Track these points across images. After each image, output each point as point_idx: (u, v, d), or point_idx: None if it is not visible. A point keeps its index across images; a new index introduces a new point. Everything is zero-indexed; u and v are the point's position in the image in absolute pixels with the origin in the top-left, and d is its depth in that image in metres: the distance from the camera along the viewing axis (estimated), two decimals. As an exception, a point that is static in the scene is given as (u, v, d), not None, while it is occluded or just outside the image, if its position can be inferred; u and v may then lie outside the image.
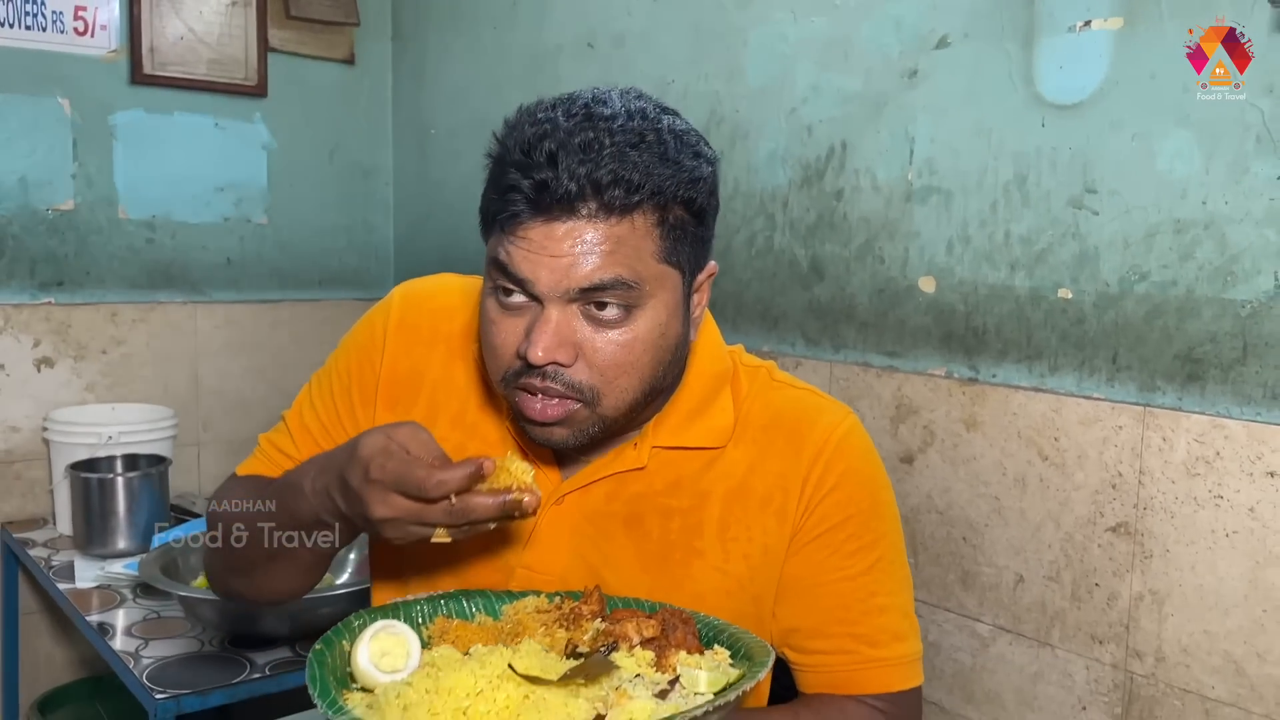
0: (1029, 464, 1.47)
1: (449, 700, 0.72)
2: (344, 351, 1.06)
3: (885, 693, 0.96)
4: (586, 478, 0.96)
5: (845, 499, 0.96)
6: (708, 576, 0.95)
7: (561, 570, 0.95)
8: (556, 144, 0.81)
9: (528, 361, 0.84)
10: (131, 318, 2.50)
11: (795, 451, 0.96)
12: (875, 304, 1.67)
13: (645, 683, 0.77)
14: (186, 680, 1.58)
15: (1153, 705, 1.35)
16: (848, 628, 0.96)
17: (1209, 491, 1.28)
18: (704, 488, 0.96)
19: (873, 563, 0.97)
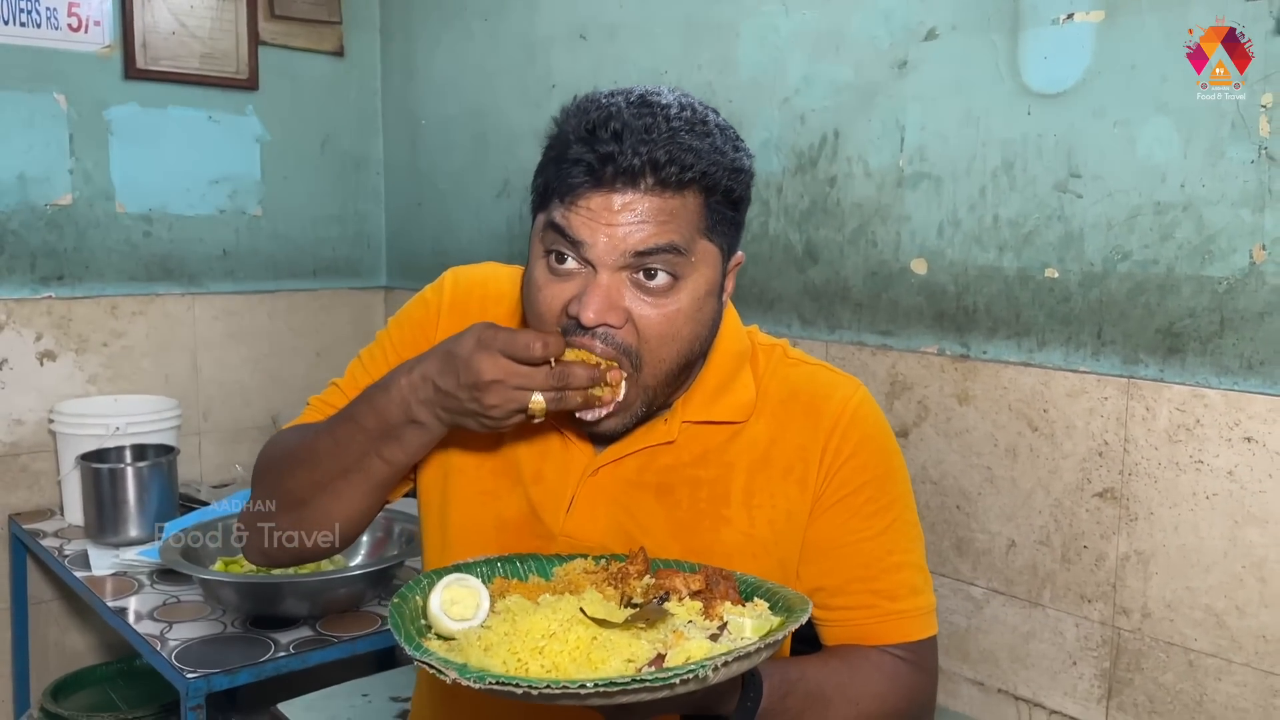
0: (1019, 435, 1.55)
1: (526, 641, 0.79)
2: (398, 324, 1.12)
3: (905, 642, 1.03)
4: (620, 451, 1.03)
5: (862, 465, 1.03)
6: (735, 541, 1.02)
7: (600, 537, 1.02)
8: (621, 124, 0.89)
9: (579, 322, 0.91)
10: (131, 310, 2.53)
11: (813, 424, 1.03)
12: (869, 286, 1.74)
13: (697, 628, 0.84)
14: (214, 660, 1.64)
15: (1139, 658, 1.44)
16: (868, 584, 1.03)
17: (1190, 457, 1.37)
18: (729, 459, 1.03)
19: (889, 523, 1.04)
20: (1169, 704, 1.41)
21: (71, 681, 2.35)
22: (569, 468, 1.03)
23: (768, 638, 0.79)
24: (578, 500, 1.03)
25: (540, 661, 0.77)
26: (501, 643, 0.79)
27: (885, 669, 1.01)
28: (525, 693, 0.71)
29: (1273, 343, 1.29)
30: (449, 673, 0.74)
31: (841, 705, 0.97)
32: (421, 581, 0.90)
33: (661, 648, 0.79)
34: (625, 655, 0.78)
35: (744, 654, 0.76)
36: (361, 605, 1.84)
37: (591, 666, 0.77)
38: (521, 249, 2.48)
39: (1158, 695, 1.42)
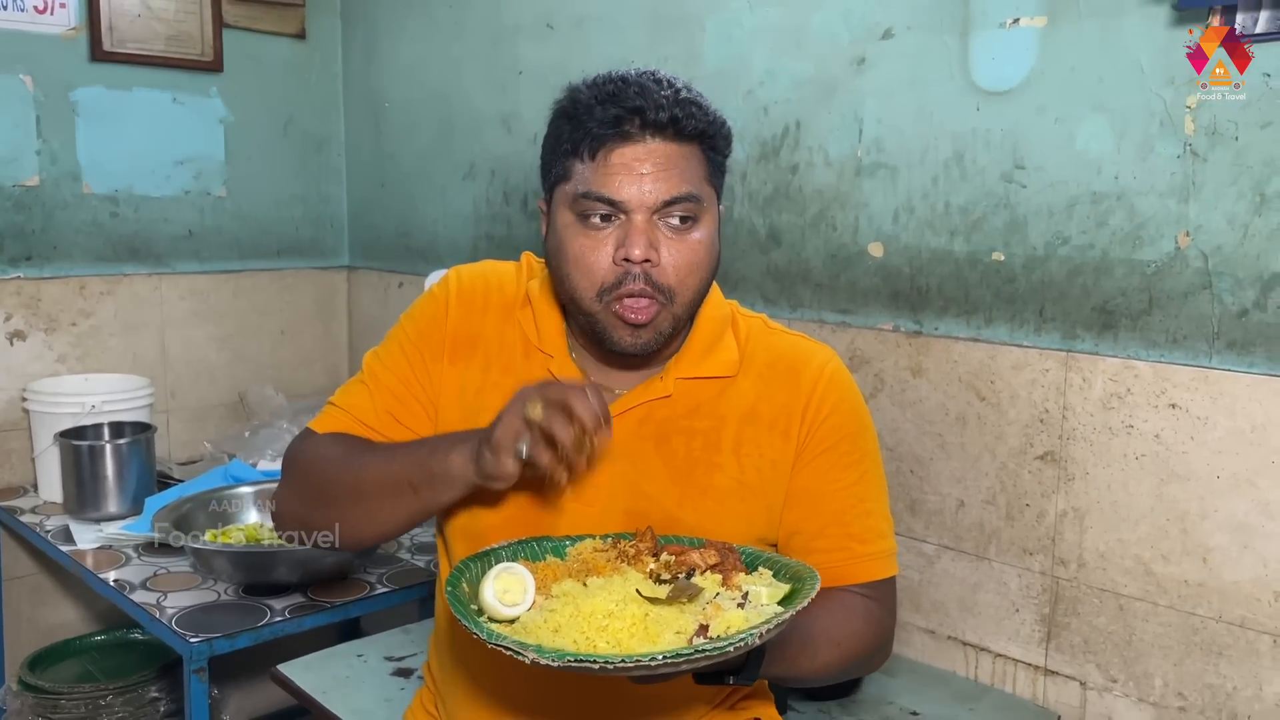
0: (968, 404, 1.69)
1: (590, 621, 0.89)
2: (410, 320, 1.22)
3: (871, 581, 1.18)
4: (622, 406, 1.15)
5: (838, 424, 1.18)
6: (726, 485, 1.15)
7: (606, 484, 1.14)
8: (639, 87, 1.05)
9: (629, 260, 1.05)
10: (99, 290, 2.57)
11: (795, 384, 1.17)
12: (828, 267, 1.87)
13: (726, 598, 0.95)
14: (213, 625, 1.72)
15: (1075, 604, 1.60)
16: (843, 529, 1.17)
17: (1121, 422, 1.52)
18: (720, 412, 1.16)
19: (860, 475, 1.19)
20: (1101, 644, 1.57)
21: (48, 654, 2.40)
22: None
23: (794, 604, 0.91)
24: None
25: (605, 638, 0.88)
26: (569, 624, 0.89)
27: (858, 610, 1.15)
28: (602, 667, 0.82)
29: (1195, 320, 1.45)
30: (528, 654, 0.83)
31: (827, 647, 1.10)
32: (467, 569, 0.99)
33: (703, 618, 0.91)
34: (674, 628, 0.89)
35: (782, 620, 0.88)
36: (350, 574, 1.93)
37: (649, 639, 0.88)
38: (489, 229, 2.56)
39: (1092, 637, 1.58)
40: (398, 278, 2.87)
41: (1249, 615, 1.42)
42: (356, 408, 1.21)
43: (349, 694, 1.63)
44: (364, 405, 1.21)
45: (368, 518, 1.14)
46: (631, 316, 1.07)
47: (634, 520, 1.15)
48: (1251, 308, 1.40)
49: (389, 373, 1.21)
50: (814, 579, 0.96)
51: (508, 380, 1.18)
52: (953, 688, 1.70)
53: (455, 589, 0.96)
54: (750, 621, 0.90)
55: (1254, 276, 1.39)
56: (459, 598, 0.95)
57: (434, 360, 1.20)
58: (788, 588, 0.98)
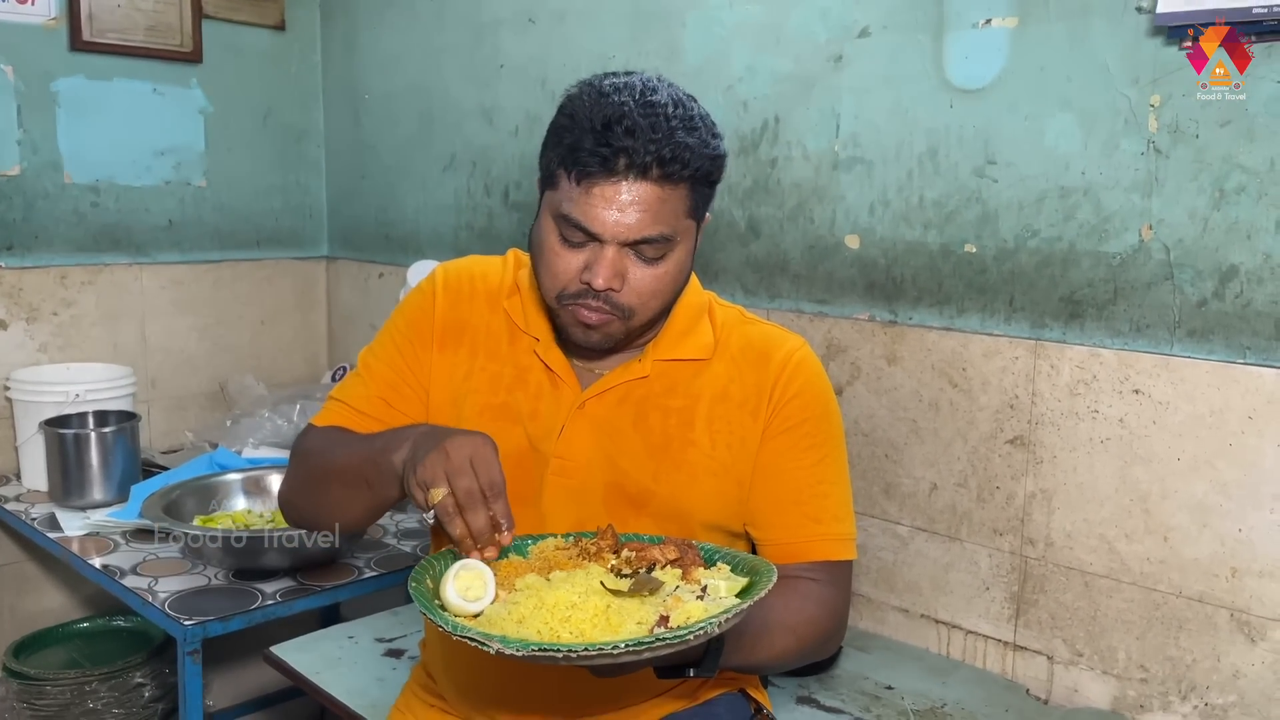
0: (941, 391, 1.75)
1: (554, 612, 0.93)
2: (399, 313, 1.29)
3: (824, 561, 1.23)
4: (603, 386, 1.21)
5: (802, 405, 1.23)
6: (699, 461, 1.21)
7: (586, 459, 1.20)
8: (631, 123, 1.06)
9: (591, 287, 1.10)
10: (80, 280, 2.58)
11: (764, 367, 1.24)
12: (806, 259, 1.93)
13: (685, 590, 1.00)
14: (206, 608, 1.75)
15: (1043, 582, 1.66)
16: (800, 507, 1.23)
17: (1087, 407, 1.59)
18: (695, 391, 1.22)
19: (820, 458, 1.24)
20: (1068, 620, 1.64)
21: (32, 641, 2.42)
22: (559, 404, 1.21)
23: (751, 595, 0.96)
24: (567, 428, 1.21)
25: (568, 628, 0.92)
26: (533, 615, 0.93)
27: (813, 596, 1.19)
28: (565, 656, 0.85)
29: (1157, 309, 1.52)
30: (492, 644, 0.86)
31: (783, 635, 1.15)
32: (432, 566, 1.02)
33: (663, 610, 0.95)
34: (636, 619, 0.93)
35: (739, 610, 0.93)
36: (338, 559, 1.96)
37: (611, 630, 0.92)
38: (470, 220, 2.60)
39: (1059, 613, 1.65)
40: (378, 268, 2.90)
41: (1207, 590, 1.49)
42: (352, 398, 1.27)
43: (343, 674, 1.67)
44: (358, 394, 1.26)
45: (338, 507, 1.19)
46: (584, 317, 1.13)
47: (612, 494, 1.20)
48: (1210, 298, 1.47)
49: (381, 362, 1.26)
50: (770, 571, 1.01)
51: (494, 365, 1.24)
52: (925, 663, 1.77)
53: (420, 585, 0.99)
54: (709, 612, 0.94)
55: (1213, 268, 1.46)
56: (422, 593, 0.97)
57: (423, 348, 1.25)
58: (745, 581, 1.03)
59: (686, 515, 1.20)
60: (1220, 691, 1.50)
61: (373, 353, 1.29)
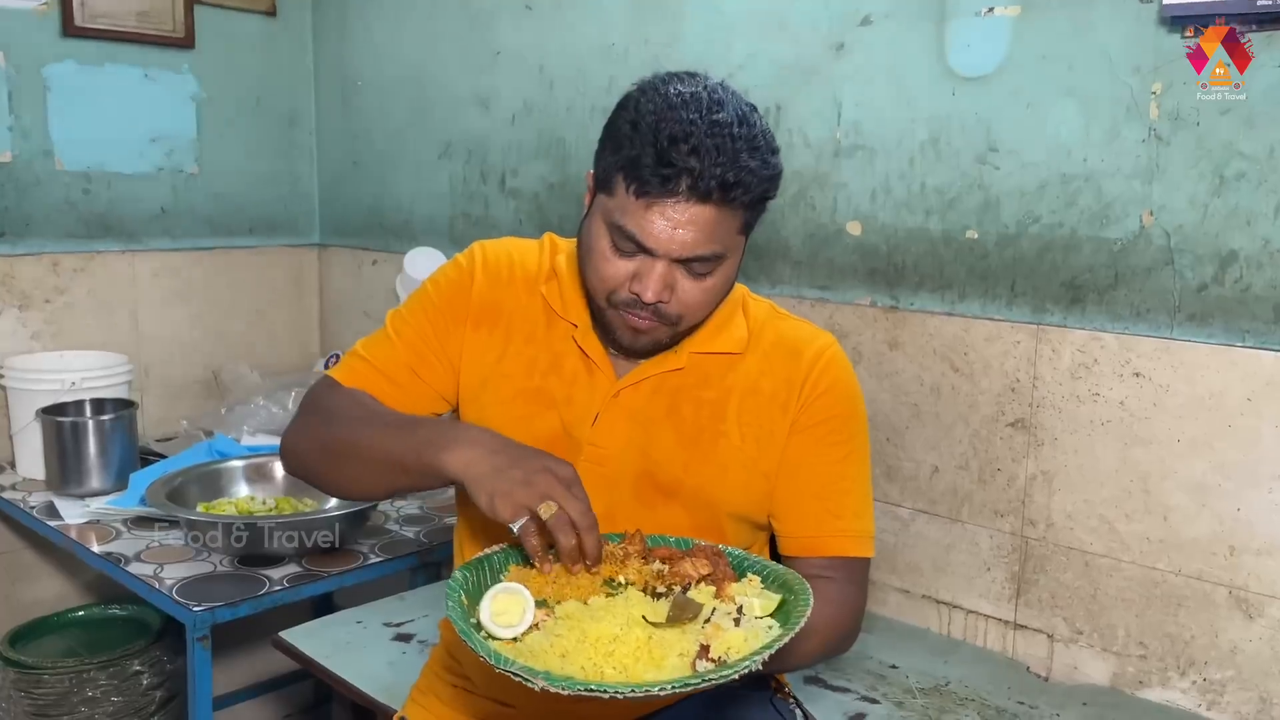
0: (942, 375, 1.78)
1: (597, 646, 0.93)
2: (435, 285, 1.28)
3: (843, 556, 1.25)
4: (637, 377, 1.22)
5: (831, 402, 1.25)
6: (729, 453, 1.22)
7: (619, 447, 1.21)
8: (697, 143, 1.04)
9: (640, 299, 1.09)
10: (72, 267, 2.56)
11: (796, 362, 1.25)
12: (807, 246, 1.95)
13: (721, 614, 1.00)
14: (214, 594, 1.75)
15: (1043, 562, 1.70)
16: (821, 502, 1.25)
17: (1089, 390, 1.62)
18: (727, 385, 1.24)
19: (845, 455, 1.26)
20: (1068, 599, 1.67)
21: (28, 630, 2.40)
22: (594, 391, 1.22)
23: (790, 624, 0.96)
24: (602, 416, 1.22)
25: (611, 664, 0.92)
26: (576, 650, 0.93)
27: (833, 596, 1.20)
28: (612, 697, 0.86)
29: (1158, 294, 1.55)
30: (536, 681, 0.86)
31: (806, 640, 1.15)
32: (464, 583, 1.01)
33: (703, 639, 0.95)
34: (677, 650, 0.94)
35: (780, 642, 0.93)
36: (343, 544, 1.97)
37: (654, 663, 0.92)
38: (466, 208, 2.60)
39: (1059, 592, 1.68)
40: (370, 255, 2.90)
41: (1206, 569, 1.53)
42: (378, 358, 1.26)
43: (353, 659, 1.68)
44: (386, 357, 1.25)
45: (360, 480, 1.19)
46: (634, 322, 1.14)
47: (643, 482, 1.21)
48: (1210, 282, 1.50)
49: (411, 330, 1.26)
50: (805, 592, 1.02)
51: (530, 349, 1.24)
52: (927, 643, 1.80)
53: (455, 602, 0.98)
54: (749, 642, 0.94)
55: (1212, 253, 1.49)
56: (462, 616, 0.97)
57: (456, 325, 1.25)
58: (778, 598, 1.04)
59: (715, 505, 1.22)
60: (1218, 667, 1.53)
61: (404, 319, 1.28)
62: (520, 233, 2.45)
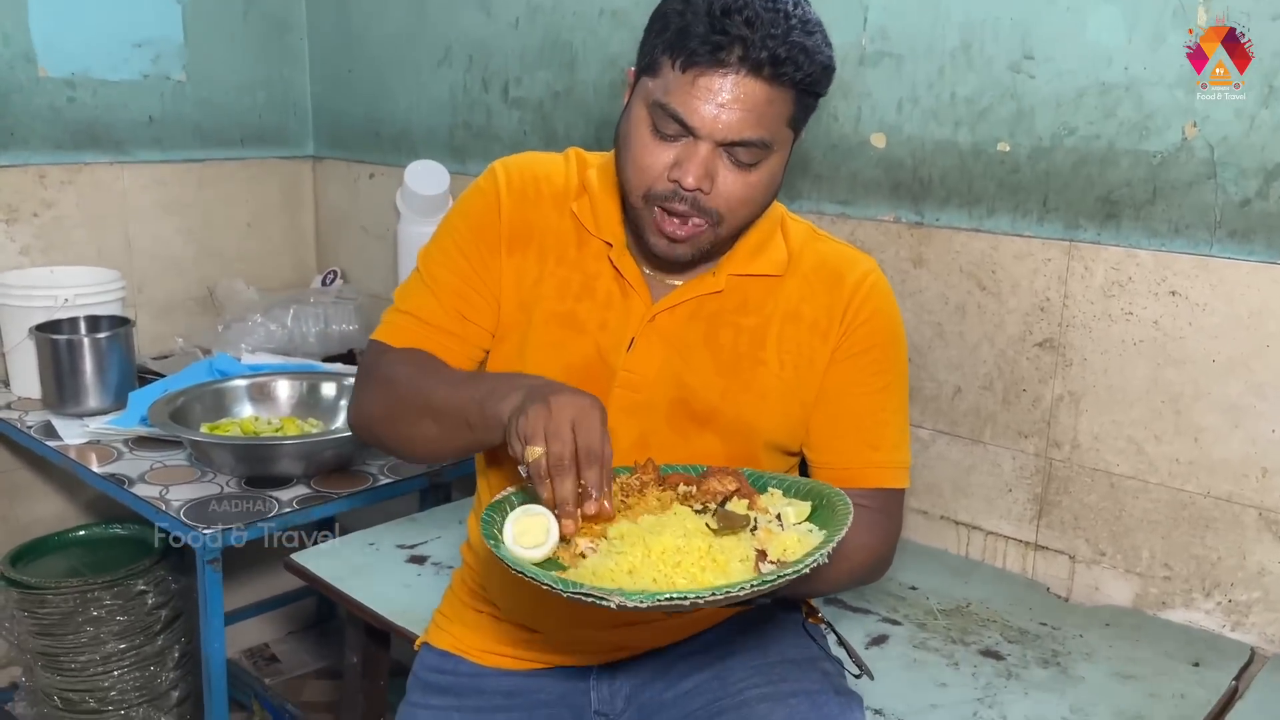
0: (968, 294, 1.73)
1: (664, 558, 0.91)
2: (461, 217, 1.21)
3: (878, 488, 1.22)
4: (674, 300, 1.17)
5: (872, 330, 1.21)
6: (768, 381, 1.18)
7: (655, 373, 1.16)
8: (752, 14, 0.98)
9: (680, 185, 1.04)
10: (60, 179, 2.47)
11: (838, 288, 1.20)
12: (829, 159, 1.88)
13: (763, 522, 0.98)
14: (222, 517, 1.72)
15: (1067, 483, 1.67)
16: (859, 434, 1.21)
17: (1121, 309, 1.58)
18: (767, 310, 1.19)
19: (885, 385, 1.22)
20: (1091, 520, 1.65)
21: (29, 550, 2.37)
22: (629, 316, 1.17)
23: (835, 523, 0.95)
24: (637, 341, 1.17)
25: (680, 574, 0.90)
26: (644, 564, 0.90)
27: (864, 522, 1.17)
28: (693, 603, 0.83)
29: (1197, 209, 1.49)
30: (612, 599, 0.83)
31: (839, 562, 1.13)
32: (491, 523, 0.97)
33: (758, 544, 0.94)
34: (738, 556, 0.92)
35: (838, 536, 0.92)
36: (350, 466, 1.93)
37: (719, 570, 0.90)
38: (467, 118, 2.51)
39: (1082, 514, 1.66)
40: (367, 168, 2.81)
41: (1236, 490, 1.51)
42: (424, 311, 1.19)
43: (368, 581, 1.65)
44: (432, 308, 1.19)
45: (432, 443, 1.13)
46: (670, 230, 1.07)
47: (677, 410, 1.17)
48: (1254, 197, 1.45)
49: (449, 272, 1.19)
50: (838, 495, 1.00)
51: (562, 270, 1.19)
52: (946, 564, 1.79)
53: (492, 534, 0.94)
54: (802, 543, 0.94)
55: (1258, 167, 1.44)
56: (503, 549, 0.93)
57: (491, 254, 1.19)
58: (808, 505, 1.02)
59: (751, 435, 1.18)
60: (1244, 588, 1.52)
61: (435, 260, 1.21)
62: (524, 145, 2.37)
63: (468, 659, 1.26)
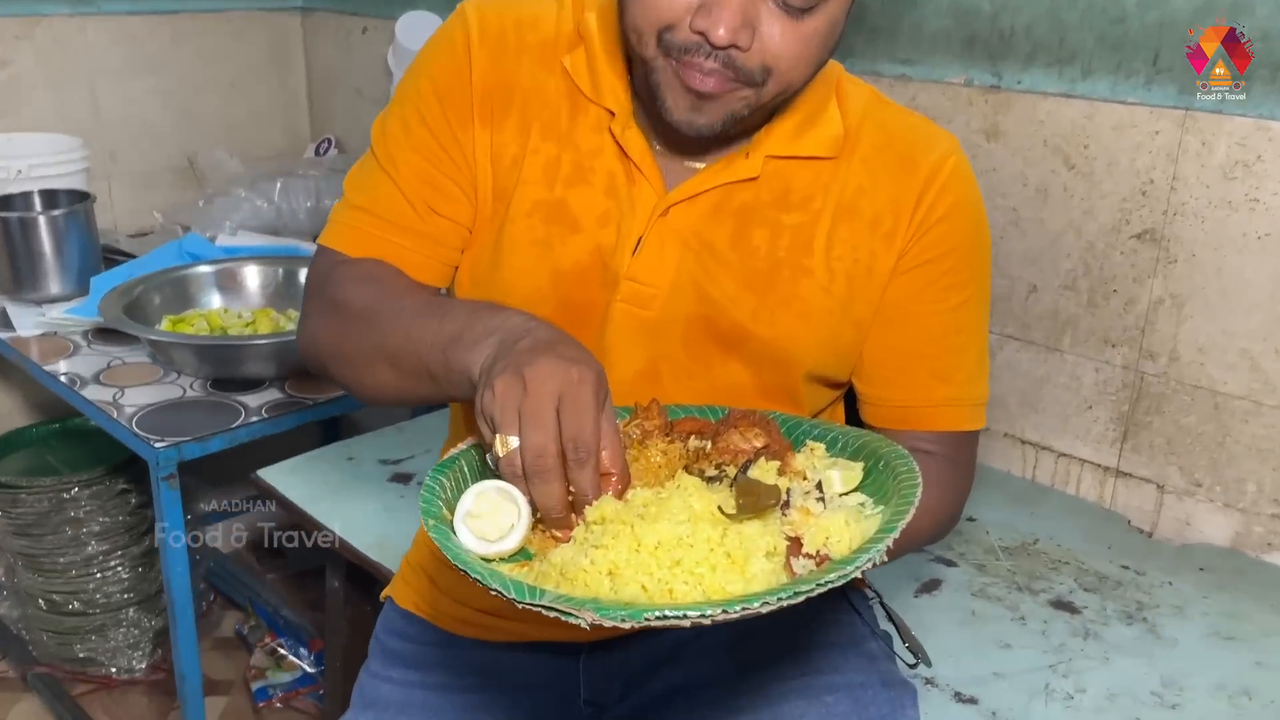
0: (1053, 173, 1.45)
1: (658, 555, 0.65)
2: (424, 78, 0.93)
3: (947, 431, 0.97)
4: (694, 188, 0.90)
5: (951, 231, 0.93)
6: (813, 296, 0.92)
7: (668, 285, 0.91)
8: None
9: (707, 38, 0.76)
10: (14, 34, 2.20)
11: (908, 176, 0.92)
12: (887, 7, 1.57)
13: (798, 492, 0.73)
14: (180, 426, 1.51)
15: (1161, 401, 1.42)
16: (928, 362, 0.96)
17: (1245, 195, 1.29)
18: (815, 204, 0.92)
19: (963, 301, 0.95)
20: (1188, 445, 1.40)
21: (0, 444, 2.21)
22: (636, 206, 0.90)
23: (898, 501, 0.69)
24: (646, 241, 0.91)
25: (680, 577, 0.64)
26: (629, 564, 0.65)
27: (930, 477, 0.90)
28: (695, 623, 0.59)
29: (1357, 70, 1.19)
30: (584, 615, 0.59)
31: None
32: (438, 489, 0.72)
33: (790, 529, 0.68)
34: (762, 548, 0.66)
35: (903, 520, 0.67)
36: (330, 364, 1.71)
37: (736, 570, 0.65)
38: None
39: (1177, 437, 1.41)
40: (360, 21, 2.50)
41: (1375, 419, 1.25)
42: (382, 206, 0.93)
43: (341, 503, 1.44)
44: (396, 205, 0.93)
45: (390, 391, 0.88)
46: (696, 82, 0.79)
47: (696, 331, 0.92)
48: None
49: (409, 151, 0.92)
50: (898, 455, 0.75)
51: (548, 146, 0.91)
52: (1009, 490, 1.55)
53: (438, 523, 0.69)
54: (850, 528, 0.68)
55: None
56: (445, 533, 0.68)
57: (462, 126, 0.91)
58: (859, 466, 0.77)
59: (788, 362, 0.93)
60: (1374, 534, 1.28)
61: (394, 136, 0.94)
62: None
63: (436, 625, 1.04)
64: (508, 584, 0.62)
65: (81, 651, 2.21)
